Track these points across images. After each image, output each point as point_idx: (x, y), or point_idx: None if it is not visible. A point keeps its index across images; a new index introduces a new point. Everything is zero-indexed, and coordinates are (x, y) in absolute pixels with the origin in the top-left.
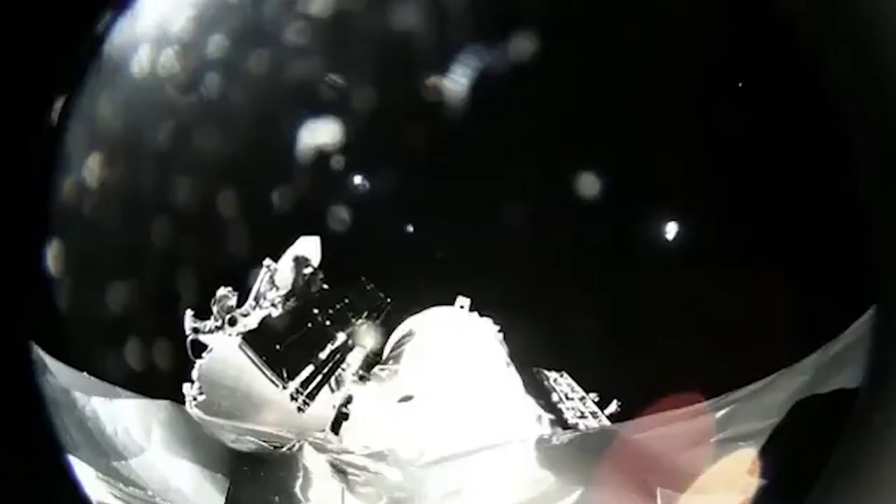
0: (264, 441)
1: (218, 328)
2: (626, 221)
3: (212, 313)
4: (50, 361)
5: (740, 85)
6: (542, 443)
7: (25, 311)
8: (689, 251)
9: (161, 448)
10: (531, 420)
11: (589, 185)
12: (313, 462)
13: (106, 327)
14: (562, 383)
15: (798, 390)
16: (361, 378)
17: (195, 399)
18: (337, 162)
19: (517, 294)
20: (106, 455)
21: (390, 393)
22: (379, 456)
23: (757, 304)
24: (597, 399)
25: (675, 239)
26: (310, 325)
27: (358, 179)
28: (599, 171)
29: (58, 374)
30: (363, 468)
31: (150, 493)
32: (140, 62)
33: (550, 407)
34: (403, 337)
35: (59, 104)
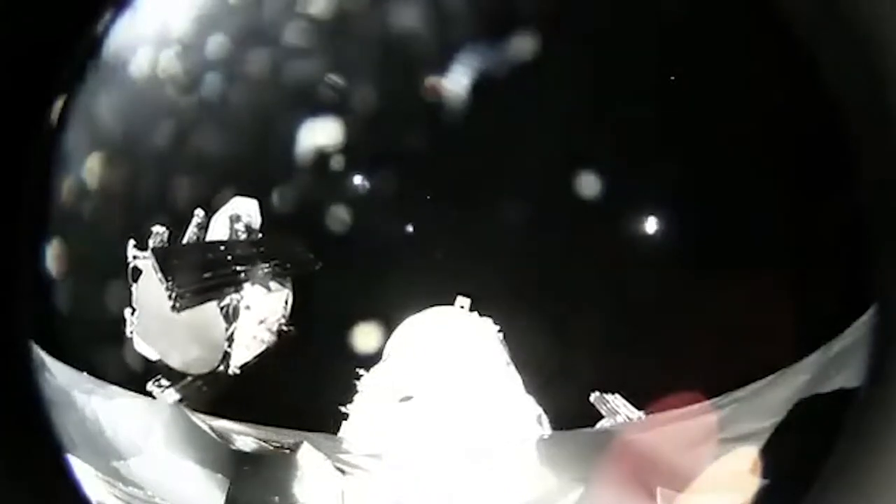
0: (264, 441)
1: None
2: (626, 221)
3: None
4: (50, 361)
5: (672, 78)
6: (542, 443)
7: (25, 311)
8: (690, 251)
9: (161, 448)
10: (531, 420)
11: (589, 185)
12: (313, 462)
13: (106, 327)
14: (619, 404)
15: (798, 390)
16: (280, 333)
17: (133, 324)
18: (337, 162)
19: (517, 294)
20: (106, 455)
21: (390, 393)
22: (378, 456)
23: (757, 304)
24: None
25: (675, 239)
26: (210, 255)
27: (358, 179)
28: (599, 171)
29: (58, 374)
30: (363, 468)
31: (150, 493)
32: (140, 62)
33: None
34: (403, 337)
35: (59, 104)
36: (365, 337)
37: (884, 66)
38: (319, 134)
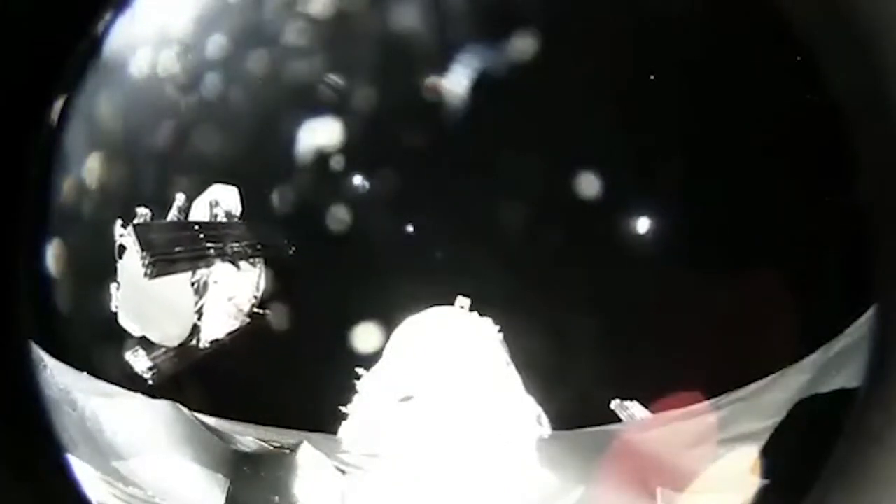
0: (264, 441)
1: None
2: (626, 221)
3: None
4: (50, 361)
5: (652, 77)
6: (542, 443)
7: (25, 311)
8: (690, 251)
9: (161, 448)
10: (531, 420)
11: (589, 185)
12: (313, 462)
13: (106, 327)
14: (635, 409)
15: (798, 390)
16: (252, 316)
17: (117, 299)
18: (337, 162)
19: (517, 294)
20: (106, 455)
21: (390, 393)
22: (378, 456)
23: (757, 304)
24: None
25: (675, 239)
26: (185, 232)
27: (358, 179)
28: (599, 171)
29: (58, 374)
30: (363, 468)
31: (150, 493)
32: (140, 62)
33: None
34: (403, 337)
35: (59, 104)
36: (365, 337)
37: (884, 66)
38: (319, 134)
